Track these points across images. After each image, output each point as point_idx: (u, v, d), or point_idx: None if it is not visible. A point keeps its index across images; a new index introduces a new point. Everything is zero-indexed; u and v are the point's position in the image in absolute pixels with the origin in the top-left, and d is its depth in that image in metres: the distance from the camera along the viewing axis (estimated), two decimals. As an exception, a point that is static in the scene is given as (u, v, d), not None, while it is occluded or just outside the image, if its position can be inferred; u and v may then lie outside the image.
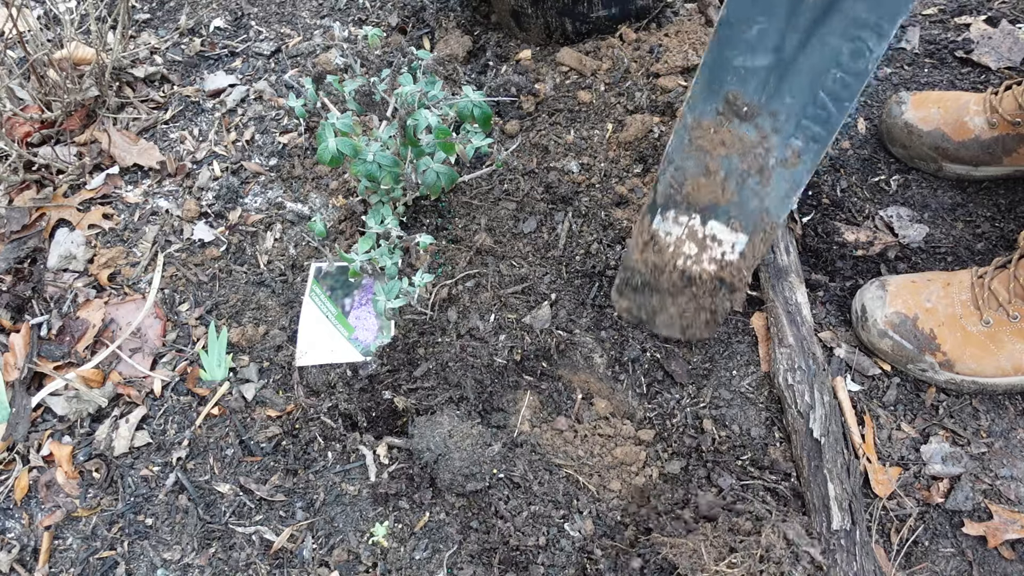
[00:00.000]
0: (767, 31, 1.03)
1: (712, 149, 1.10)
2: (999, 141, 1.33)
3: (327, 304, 1.35)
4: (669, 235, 1.16)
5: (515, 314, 1.30)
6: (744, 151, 1.08)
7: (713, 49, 1.07)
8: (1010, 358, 1.15)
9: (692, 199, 1.13)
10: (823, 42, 1.00)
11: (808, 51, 1.02)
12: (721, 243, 1.14)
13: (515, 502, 1.13)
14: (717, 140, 1.09)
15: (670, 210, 1.15)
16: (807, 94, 1.03)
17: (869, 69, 1.00)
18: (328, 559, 1.14)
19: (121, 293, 1.44)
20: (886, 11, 0.96)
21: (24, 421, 1.29)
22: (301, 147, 1.61)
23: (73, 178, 1.59)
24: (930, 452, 1.17)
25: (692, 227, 1.14)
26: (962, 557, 1.10)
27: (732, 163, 1.09)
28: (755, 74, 1.05)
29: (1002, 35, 1.61)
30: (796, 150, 1.06)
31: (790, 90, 1.04)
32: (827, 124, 1.04)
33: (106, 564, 1.17)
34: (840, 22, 0.99)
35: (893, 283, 1.24)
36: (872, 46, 0.98)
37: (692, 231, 1.15)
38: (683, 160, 1.12)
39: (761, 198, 1.09)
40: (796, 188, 1.08)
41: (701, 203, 1.12)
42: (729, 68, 1.06)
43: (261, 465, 1.23)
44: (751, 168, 1.08)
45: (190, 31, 1.88)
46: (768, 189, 1.09)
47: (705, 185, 1.11)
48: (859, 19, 0.97)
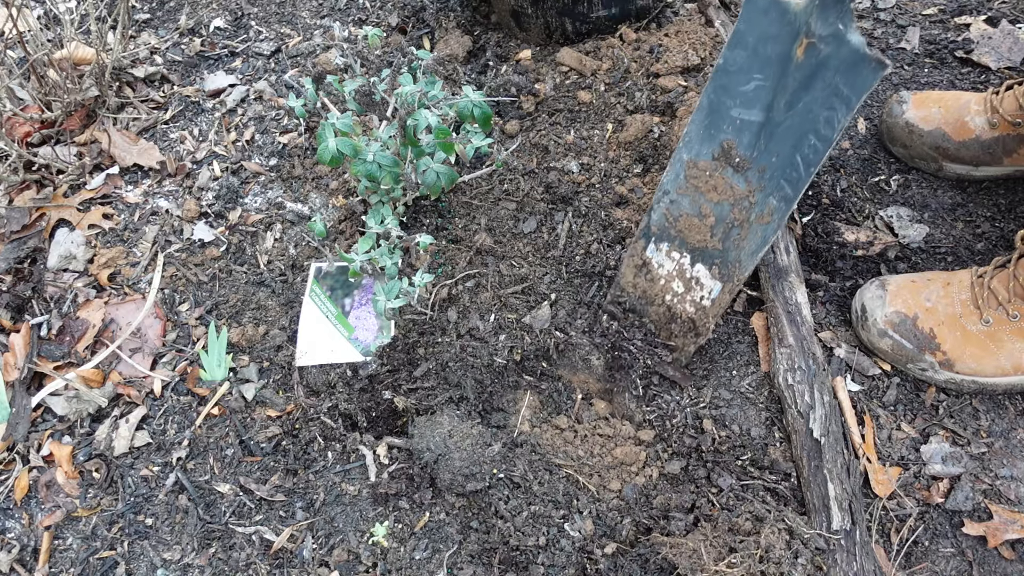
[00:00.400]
0: (762, 88, 1.10)
1: (707, 192, 1.16)
2: (999, 141, 1.33)
3: (327, 304, 1.35)
4: (661, 267, 1.23)
5: (515, 314, 1.30)
6: (735, 201, 1.15)
7: (710, 94, 1.13)
8: (1010, 357, 1.15)
9: (684, 237, 1.20)
10: (807, 107, 1.07)
11: (793, 114, 1.09)
12: (702, 287, 1.20)
13: (515, 502, 1.13)
14: (711, 185, 1.16)
15: (664, 242, 1.22)
16: (788, 155, 1.10)
17: (835, 137, 1.06)
18: (328, 559, 1.14)
19: (121, 293, 1.44)
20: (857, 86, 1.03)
21: (24, 421, 1.29)
22: (301, 147, 1.61)
23: (73, 178, 1.59)
24: (930, 452, 1.17)
25: (682, 266, 1.21)
26: (962, 557, 1.10)
27: (723, 210, 1.16)
28: (749, 128, 1.12)
29: (1002, 35, 1.61)
30: (771, 208, 1.13)
31: (777, 149, 1.11)
32: (796, 186, 1.10)
33: (106, 564, 1.17)
34: (822, 91, 1.06)
35: (893, 283, 1.24)
36: (841, 116, 1.05)
37: (681, 270, 1.21)
38: (679, 195, 1.19)
39: (739, 250, 1.17)
40: (764, 245, 1.15)
41: (692, 243, 1.20)
42: (726, 116, 1.13)
43: (261, 465, 1.23)
44: (737, 219, 1.15)
45: (190, 31, 1.88)
46: (745, 242, 1.16)
47: (698, 227, 1.18)
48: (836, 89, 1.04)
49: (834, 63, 1.04)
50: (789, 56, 1.07)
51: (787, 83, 1.08)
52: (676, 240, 1.21)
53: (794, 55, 1.07)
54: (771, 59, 1.08)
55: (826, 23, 1.02)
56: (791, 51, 1.07)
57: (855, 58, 1.02)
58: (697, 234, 1.19)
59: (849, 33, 1.02)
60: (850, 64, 1.02)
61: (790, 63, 1.07)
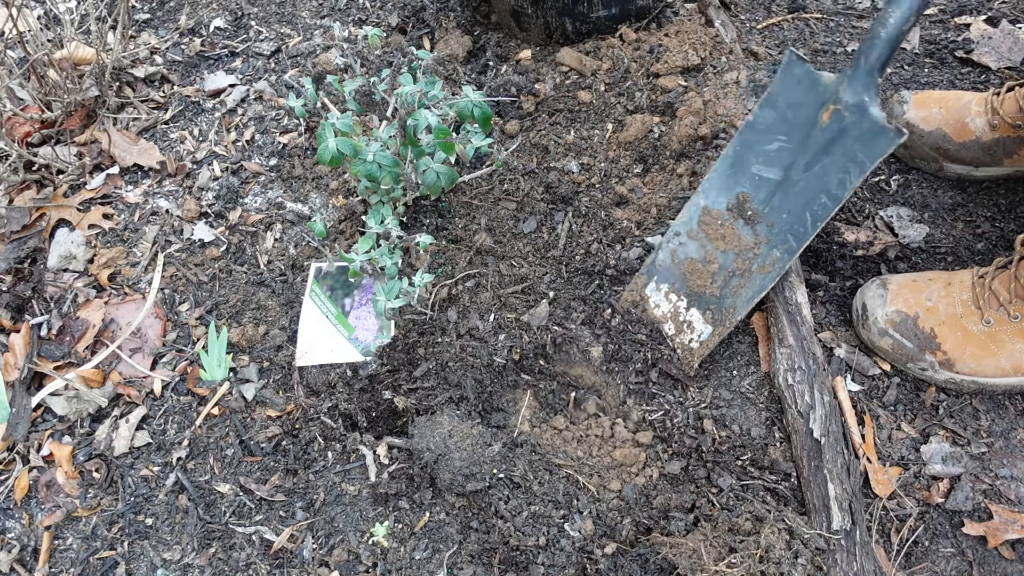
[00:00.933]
0: (784, 149, 1.18)
1: (715, 240, 1.23)
2: (1000, 143, 1.33)
3: (327, 304, 1.35)
4: (657, 307, 1.28)
5: (515, 313, 1.30)
6: (740, 251, 1.21)
7: (736, 148, 1.22)
8: (1010, 358, 1.15)
9: (686, 281, 1.25)
10: (824, 170, 1.15)
11: (810, 175, 1.17)
12: (693, 330, 1.24)
13: (515, 502, 1.13)
14: (720, 233, 1.23)
15: (664, 283, 1.27)
16: (799, 212, 1.17)
17: (845, 197, 1.14)
18: (328, 559, 1.14)
19: (121, 293, 1.44)
20: (872, 152, 1.11)
21: (24, 421, 1.29)
22: (301, 147, 1.61)
23: (73, 178, 1.59)
24: (930, 452, 1.17)
25: (677, 309, 1.26)
26: (962, 557, 1.10)
27: (728, 259, 1.23)
28: (767, 184, 1.20)
29: (1002, 35, 1.61)
30: (774, 259, 1.19)
31: (789, 207, 1.18)
32: (801, 239, 1.17)
33: (106, 564, 1.17)
34: (841, 155, 1.14)
35: (894, 282, 1.24)
36: (853, 179, 1.13)
37: (676, 312, 1.26)
38: (688, 239, 1.25)
39: (735, 296, 1.22)
40: (760, 292, 1.20)
41: (692, 288, 1.24)
42: (746, 172, 1.21)
43: (261, 465, 1.23)
44: (740, 268, 1.21)
45: (190, 31, 1.88)
46: (743, 290, 1.21)
47: (701, 272, 1.23)
48: (852, 155, 1.12)
49: (855, 131, 1.12)
50: (814, 121, 1.16)
51: (809, 146, 1.16)
52: (677, 283, 1.26)
53: (819, 120, 1.15)
54: (797, 123, 1.17)
55: (854, 92, 1.11)
56: (816, 116, 1.16)
57: (876, 128, 1.10)
58: (699, 279, 1.24)
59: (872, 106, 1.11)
60: (871, 133, 1.10)
61: (814, 127, 1.16)
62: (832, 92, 1.13)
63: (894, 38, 1.07)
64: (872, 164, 1.10)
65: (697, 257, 1.24)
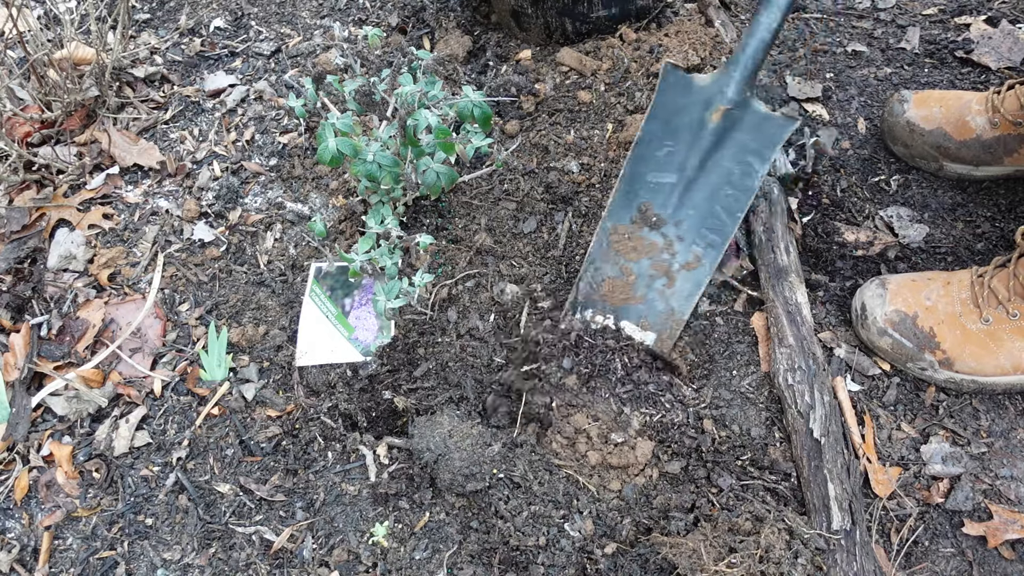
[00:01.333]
0: (674, 152, 1.25)
1: (626, 253, 1.26)
2: (1000, 141, 1.33)
3: (327, 304, 1.35)
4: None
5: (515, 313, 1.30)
6: (653, 255, 1.25)
7: (630, 164, 1.27)
8: (1010, 357, 1.15)
9: (608, 299, 1.25)
10: (718, 164, 1.23)
11: (706, 172, 1.24)
12: (632, 341, 1.24)
13: (515, 502, 1.13)
14: (631, 245, 1.26)
15: (588, 309, 1.26)
16: (706, 207, 1.23)
17: (756, 186, 1.21)
18: (328, 559, 1.14)
19: (121, 293, 1.44)
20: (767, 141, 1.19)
21: (24, 421, 1.29)
22: (301, 147, 1.61)
23: (73, 178, 1.59)
24: (930, 452, 1.17)
25: (606, 326, 1.25)
26: (962, 557, 1.10)
27: (643, 267, 1.25)
28: (663, 189, 1.26)
29: (1002, 35, 1.61)
30: (697, 255, 1.23)
31: (692, 204, 1.24)
32: (721, 232, 1.22)
33: (106, 564, 1.17)
34: (731, 149, 1.22)
35: (893, 281, 1.24)
36: (757, 167, 1.20)
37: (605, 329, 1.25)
38: (603, 262, 1.27)
39: (667, 299, 1.24)
40: (698, 287, 1.23)
41: (615, 303, 1.25)
42: (643, 182, 1.27)
43: (261, 465, 1.23)
44: (658, 271, 1.24)
45: (190, 31, 1.88)
46: (673, 290, 1.24)
47: (620, 286, 1.25)
48: (747, 147, 1.20)
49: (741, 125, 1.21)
50: (701, 122, 1.24)
51: (699, 145, 1.24)
52: (599, 304, 1.26)
53: (707, 121, 1.24)
54: (682, 127, 1.25)
55: (738, 91, 1.22)
56: (703, 118, 1.24)
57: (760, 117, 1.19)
58: (620, 294, 1.25)
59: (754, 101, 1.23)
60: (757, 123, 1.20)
61: (703, 128, 1.24)
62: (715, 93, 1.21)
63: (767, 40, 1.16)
64: (773, 151, 1.17)
65: (613, 275, 1.26)
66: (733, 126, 1.21)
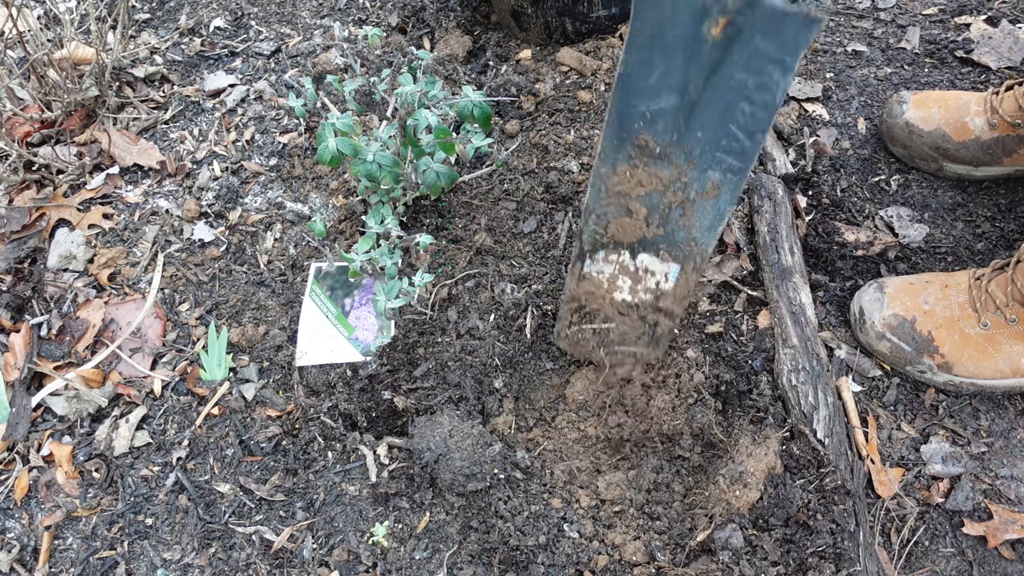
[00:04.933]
0: (668, 73, 1.03)
1: (631, 191, 1.10)
2: (999, 142, 1.33)
3: (327, 304, 1.35)
4: (602, 274, 1.16)
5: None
6: (664, 187, 1.09)
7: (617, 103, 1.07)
8: (1008, 360, 1.15)
9: (618, 238, 1.13)
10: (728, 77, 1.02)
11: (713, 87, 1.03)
12: (654, 273, 1.14)
13: (515, 502, 1.13)
14: (635, 182, 1.10)
15: (599, 252, 1.14)
16: (718, 128, 1.05)
17: (777, 101, 1.01)
18: (328, 559, 1.14)
19: (121, 293, 1.44)
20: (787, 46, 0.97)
21: (24, 421, 1.29)
22: (301, 147, 1.61)
23: (73, 178, 1.59)
24: (930, 452, 1.17)
25: (623, 262, 1.14)
26: (962, 557, 1.10)
27: (653, 200, 1.10)
28: (662, 115, 1.06)
29: (1002, 35, 1.61)
30: (715, 182, 1.07)
31: (700, 125, 1.05)
32: (742, 156, 1.05)
33: (106, 564, 1.17)
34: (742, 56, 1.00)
35: (891, 285, 1.24)
36: (777, 79, 0.99)
37: (623, 266, 1.14)
38: (604, 208, 1.12)
39: (687, 228, 1.11)
40: (720, 218, 1.09)
41: (628, 240, 1.13)
42: (636, 115, 1.07)
43: (261, 465, 1.23)
44: (673, 202, 1.09)
45: (190, 31, 1.88)
46: (692, 220, 1.10)
47: (629, 224, 1.11)
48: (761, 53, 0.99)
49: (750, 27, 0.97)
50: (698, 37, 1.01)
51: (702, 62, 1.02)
52: (610, 245, 1.14)
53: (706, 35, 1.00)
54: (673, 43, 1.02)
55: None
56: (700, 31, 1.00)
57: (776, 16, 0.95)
58: (633, 231, 1.12)
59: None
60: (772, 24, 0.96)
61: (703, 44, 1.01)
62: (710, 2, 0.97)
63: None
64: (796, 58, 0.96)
65: (621, 215, 1.12)
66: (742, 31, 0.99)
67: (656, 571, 1.07)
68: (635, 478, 1.16)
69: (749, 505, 1.07)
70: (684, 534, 1.10)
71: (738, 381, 1.21)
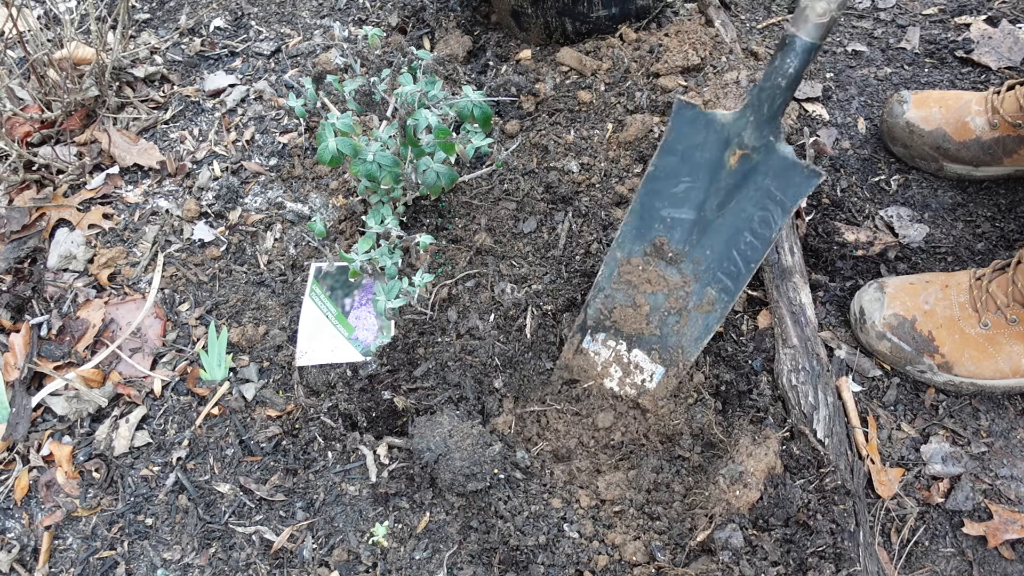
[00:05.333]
0: (692, 189, 1.18)
1: (640, 284, 1.21)
2: (1000, 142, 1.33)
3: (327, 304, 1.35)
4: (598, 355, 1.24)
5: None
6: (669, 291, 1.21)
7: (642, 198, 1.20)
8: (1008, 360, 1.15)
9: (619, 327, 1.23)
10: (739, 207, 1.15)
11: (726, 212, 1.16)
12: (643, 370, 1.22)
13: (515, 502, 1.13)
14: (644, 278, 1.21)
15: (599, 333, 1.24)
16: (723, 249, 1.17)
17: (772, 237, 1.13)
18: (328, 559, 1.14)
19: (121, 293, 1.44)
20: (790, 192, 1.11)
21: (24, 421, 1.29)
22: (301, 147, 1.61)
23: (73, 178, 1.59)
24: (930, 452, 1.17)
25: (619, 352, 1.23)
26: (962, 557, 1.10)
27: (658, 300, 1.21)
28: (680, 224, 1.20)
29: (1002, 35, 1.61)
30: (711, 298, 1.19)
31: (710, 244, 1.18)
32: (736, 280, 1.17)
33: (106, 564, 1.17)
34: (753, 193, 1.14)
35: (891, 285, 1.24)
36: (776, 218, 1.13)
37: (618, 355, 1.23)
38: (613, 291, 1.23)
39: (679, 336, 1.21)
40: (707, 333, 1.20)
41: (627, 331, 1.22)
42: (657, 217, 1.20)
43: (261, 465, 1.23)
44: (673, 307, 1.20)
45: (190, 31, 1.88)
46: (685, 329, 1.20)
47: (633, 316, 1.21)
48: (769, 193, 1.12)
49: (764, 168, 1.12)
50: (720, 162, 1.16)
51: (719, 186, 1.16)
52: (611, 330, 1.23)
53: (726, 162, 1.15)
54: (700, 164, 1.16)
55: (759, 136, 1.11)
56: (722, 158, 1.15)
57: (786, 164, 1.10)
58: (633, 323, 1.22)
59: (779, 144, 1.11)
60: (781, 170, 1.11)
61: (722, 169, 1.15)
62: (735, 134, 1.12)
63: (792, 84, 1.08)
64: (793, 204, 1.11)
65: (626, 303, 1.22)
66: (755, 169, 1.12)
67: (656, 571, 1.07)
68: (635, 478, 1.16)
69: (749, 505, 1.07)
70: (684, 534, 1.09)
71: (738, 381, 1.21)
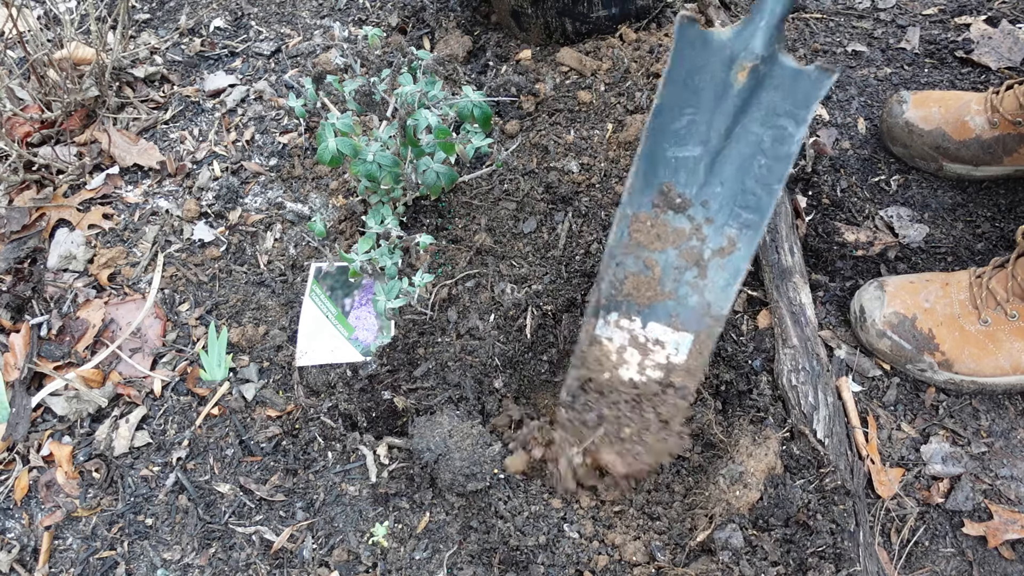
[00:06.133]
0: (695, 122, 1.08)
1: (649, 243, 1.11)
2: (1000, 141, 1.33)
3: (327, 304, 1.35)
4: (611, 341, 1.13)
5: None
6: (680, 243, 1.10)
7: (647, 139, 1.10)
8: (1009, 357, 1.15)
9: (633, 298, 1.11)
10: (747, 131, 1.06)
11: (734, 141, 1.07)
12: (664, 345, 1.11)
13: (515, 502, 1.13)
14: (654, 234, 1.10)
15: (612, 313, 1.13)
16: (736, 182, 1.07)
17: (792, 152, 1.04)
18: (328, 559, 1.14)
19: (121, 293, 1.44)
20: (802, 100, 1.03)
21: (24, 421, 1.29)
22: (301, 147, 1.61)
23: (73, 178, 1.59)
24: (930, 452, 1.17)
25: (633, 331, 1.11)
26: (962, 557, 1.10)
27: (669, 257, 1.10)
28: (685, 164, 1.09)
29: (1002, 35, 1.61)
30: (731, 238, 1.08)
31: (720, 179, 1.08)
32: (758, 210, 1.07)
33: (106, 564, 1.17)
34: (761, 111, 1.05)
35: (891, 283, 1.24)
36: (792, 131, 1.04)
37: (633, 336, 1.12)
38: (624, 256, 1.12)
39: (701, 291, 1.09)
40: (736, 275, 1.08)
41: (641, 302, 1.10)
42: (663, 158, 1.10)
43: (261, 465, 1.23)
44: (688, 261, 1.09)
45: (190, 31, 1.88)
46: (707, 281, 1.09)
47: (644, 283, 1.11)
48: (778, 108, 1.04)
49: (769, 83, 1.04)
50: (726, 82, 1.07)
51: (723, 109, 1.08)
52: (624, 306, 1.12)
53: (733, 80, 1.06)
54: (704, 88, 1.08)
55: (769, 43, 1.04)
56: (728, 77, 1.07)
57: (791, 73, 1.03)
58: (646, 291, 1.11)
59: (781, 55, 1.05)
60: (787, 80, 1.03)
61: (729, 89, 1.07)
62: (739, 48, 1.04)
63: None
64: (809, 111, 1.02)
65: (636, 270, 1.11)
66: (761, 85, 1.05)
67: (656, 571, 1.07)
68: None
69: (749, 505, 1.07)
70: (684, 534, 1.09)
71: (738, 381, 1.21)
